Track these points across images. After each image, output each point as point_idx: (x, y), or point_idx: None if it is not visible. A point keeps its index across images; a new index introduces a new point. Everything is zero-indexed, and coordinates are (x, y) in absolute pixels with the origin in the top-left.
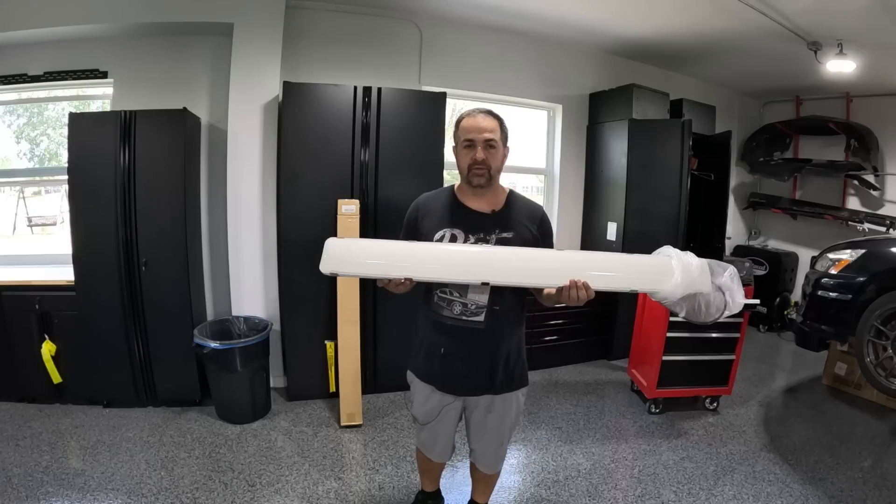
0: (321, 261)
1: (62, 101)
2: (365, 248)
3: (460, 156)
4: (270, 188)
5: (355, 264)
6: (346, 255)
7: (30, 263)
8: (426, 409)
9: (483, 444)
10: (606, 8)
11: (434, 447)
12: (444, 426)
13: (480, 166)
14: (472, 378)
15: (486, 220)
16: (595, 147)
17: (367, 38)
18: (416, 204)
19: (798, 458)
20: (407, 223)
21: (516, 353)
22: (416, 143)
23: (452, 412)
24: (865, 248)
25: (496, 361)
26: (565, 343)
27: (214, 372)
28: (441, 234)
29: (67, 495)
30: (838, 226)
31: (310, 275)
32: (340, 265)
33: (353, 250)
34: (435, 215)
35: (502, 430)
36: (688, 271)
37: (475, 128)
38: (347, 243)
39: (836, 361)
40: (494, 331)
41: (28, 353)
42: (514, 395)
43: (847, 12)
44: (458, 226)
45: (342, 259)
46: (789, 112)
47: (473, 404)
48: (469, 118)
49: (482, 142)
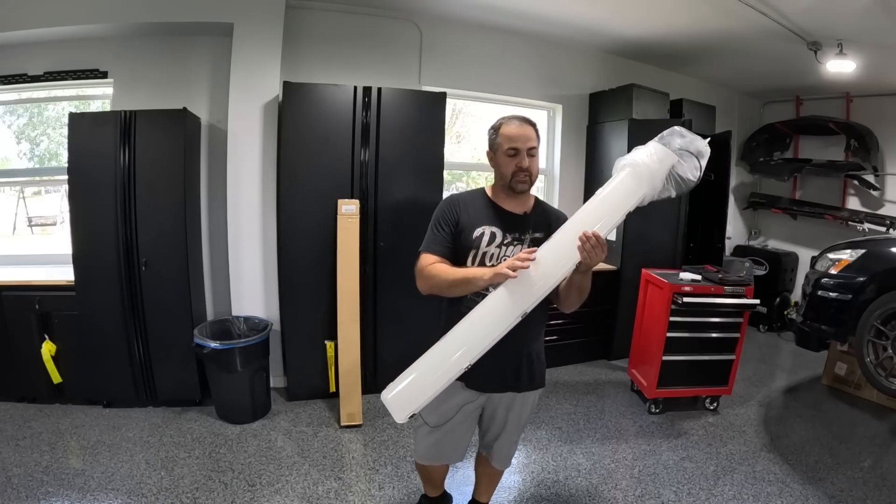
0: (395, 416)
1: (62, 101)
2: (416, 380)
3: (503, 162)
4: (270, 188)
5: (419, 394)
6: (408, 398)
7: (30, 263)
8: (441, 411)
9: (501, 441)
10: (606, 8)
11: (443, 450)
12: (462, 424)
13: (525, 173)
14: (500, 376)
15: (520, 221)
16: (595, 147)
17: (367, 38)
18: (453, 199)
19: (798, 458)
20: (445, 215)
21: (539, 353)
22: (417, 143)
23: (473, 410)
24: (865, 248)
25: (522, 361)
26: (565, 343)
27: (214, 372)
28: (481, 230)
29: (67, 495)
30: (838, 226)
31: (309, 274)
32: (411, 406)
33: (411, 391)
34: (473, 213)
35: (519, 426)
36: (648, 167)
37: (520, 136)
38: (401, 390)
39: (836, 361)
40: (523, 332)
41: (28, 353)
42: (534, 395)
43: (847, 12)
44: (496, 224)
45: (408, 403)
46: (789, 112)
47: (497, 401)
48: (512, 126)
49: (527, 150)
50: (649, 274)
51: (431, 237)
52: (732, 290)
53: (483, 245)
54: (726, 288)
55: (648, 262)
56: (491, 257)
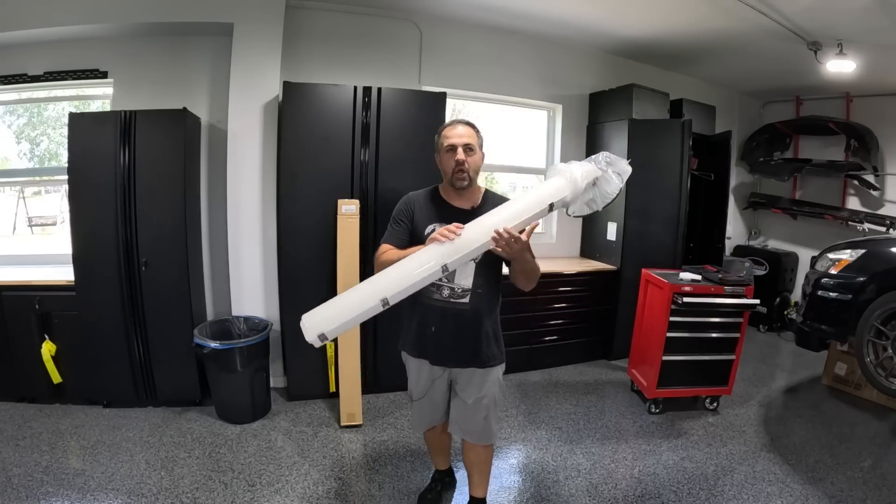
0: (305, 335)
1: (62, 101)
2: (332, 306)
3: (444, 159)
4: (270, 188)
5: (332, 319)
6: (321, 321)
7: (30, 263)
8: (419, 387)
9: (469, 415)
10: (606, 8)
11: (429, 414)
12: (436, 393)
13: (462, 168)
14: (460, 352)
15: (466, 216)
16: (595, 147)
17: (367, 38)
18: (409, 199)
19: (798, 458)
20: (401, 212)
21: (494, 330)
22: (416, 143)
23: (441, 382)
24: (865, 248)
25: (479, 338)
26: (565, 343)
27: (214, 372)
28: (431, 227)
29: (67, 495)
30: (838, 226)
31: (310, 274)
32: (320, 328)
33: (325, 313)
34: (424, 211)
35: (486, 402)
36: (572, 173)
37: (456, 134)
38: (316, 313)
39: (836, 361)
40: (477, 310)
41: (28, 353)
42: (495, 370)
43: (847, 12)
44: (444, 220)
45: (319, 324)
46: (789, 112)
47: (458, 375)
48: (449, 127)
49: (462, 145)
50: (649, 274)
51: (389, 231)
52: (732, 290)
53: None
54: (726, 288)
55: (648, 262)
56: None
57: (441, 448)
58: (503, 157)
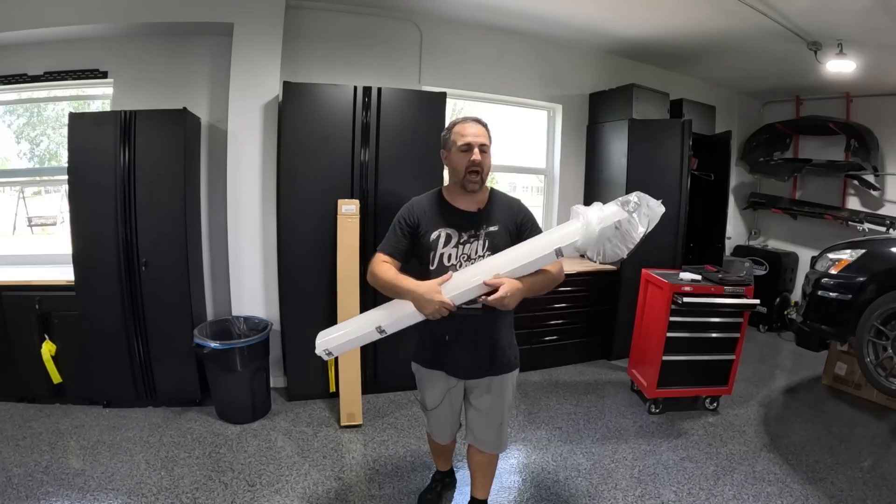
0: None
1: (62, 101)
2: (340, 328)
3: (456, 158)
4: (270, 188)
5: (337, 339)
6: (329, 340)
7: (30, 263)
8: (433, 396)
9: (484, 424)
10: (606, 8)
11: (443, 429)
12: (449, 407)
13: (476, 169)
14: (475, 361)
15: (474, 218)
16: (595, 147)
17: (367, 38)
18: (412, 206)
19: (798, 458)
20: (404, 222)
21: (509, 337)
22: (417, 143)
23: (456, 394)
24: (865, 248)
25: (494, 346)
26: (565, 343)
27: (214, 372)
28: (437, 233)
29: (67, 495)
30: (838, 226)
31: (310, 274)
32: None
33: (333, 334)
34: (430, 217)
35: (502, 409)
36: (587, 218)
37: (472, 133)
38: (328, 333)
39: (836, 361)
40: (490, 318)
41: (28, 353)
42: (510, 377)
43: (847, 12)
44: (451, 225)
45: (328, 342)
46: (789, 112)
47: (474, 386)
48: (463, 124)
49: (478, 146)
50: (649, 274)
51: (388, 238)
52: (732, 290)
53: (440, 247)
54: (726, 288)
55: (648, 262)
56: (449, 257)
57: (446, 451)
58: (503, 157)
